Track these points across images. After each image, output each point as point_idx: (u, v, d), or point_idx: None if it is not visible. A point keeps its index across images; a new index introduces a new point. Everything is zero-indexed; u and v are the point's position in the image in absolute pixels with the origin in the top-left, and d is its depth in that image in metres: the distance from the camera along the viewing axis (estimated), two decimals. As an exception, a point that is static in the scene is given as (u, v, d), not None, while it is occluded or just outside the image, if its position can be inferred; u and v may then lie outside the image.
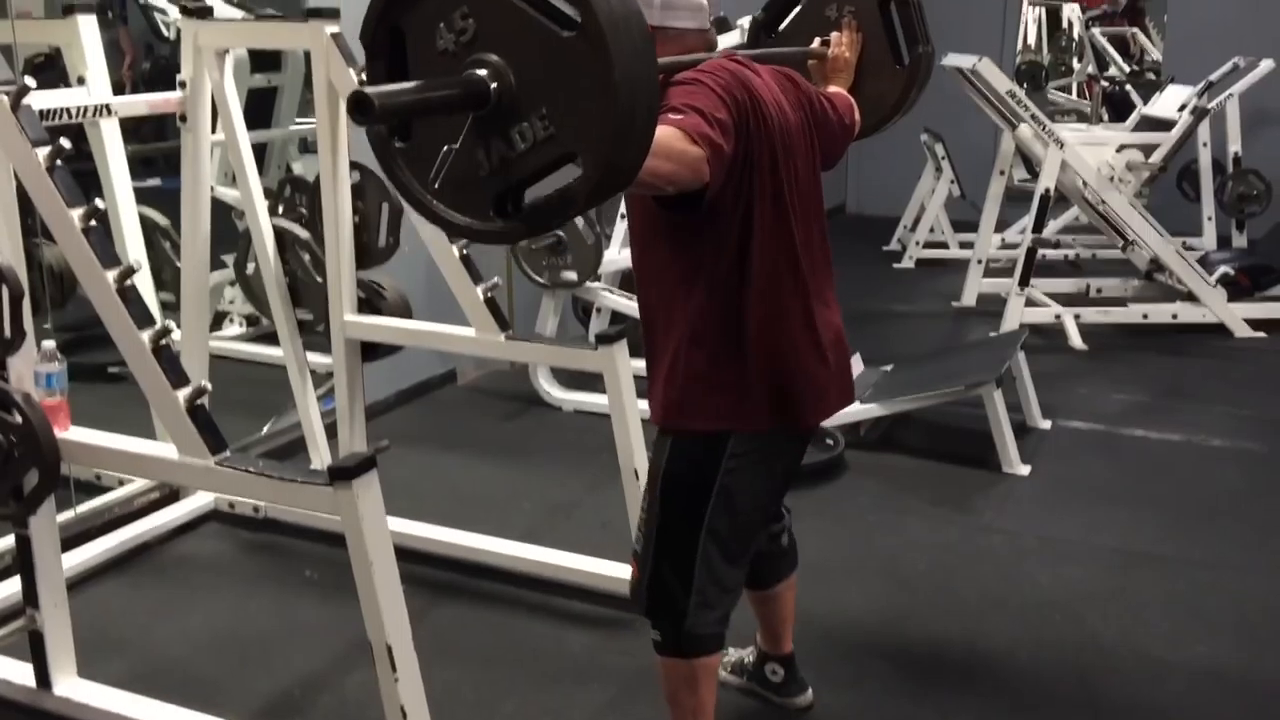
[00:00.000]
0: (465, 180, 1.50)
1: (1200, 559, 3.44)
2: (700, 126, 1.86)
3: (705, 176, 1.87)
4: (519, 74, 1.43)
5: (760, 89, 2.07)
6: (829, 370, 2.20)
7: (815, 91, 2.33)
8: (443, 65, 1.47)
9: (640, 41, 1.42)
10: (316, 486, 2.12)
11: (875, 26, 2.61)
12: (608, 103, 1.39)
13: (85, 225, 2.24)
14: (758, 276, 2.07)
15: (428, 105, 1.44)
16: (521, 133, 1.45)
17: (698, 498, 2.16)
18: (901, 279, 7.11)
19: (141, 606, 3.17)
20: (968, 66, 5.69)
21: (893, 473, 4.06)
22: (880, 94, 2.63)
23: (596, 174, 1.44)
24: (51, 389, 2.41)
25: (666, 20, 2.10)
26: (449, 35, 1.47)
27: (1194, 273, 5.72)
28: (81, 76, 3.43)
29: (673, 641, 2.23)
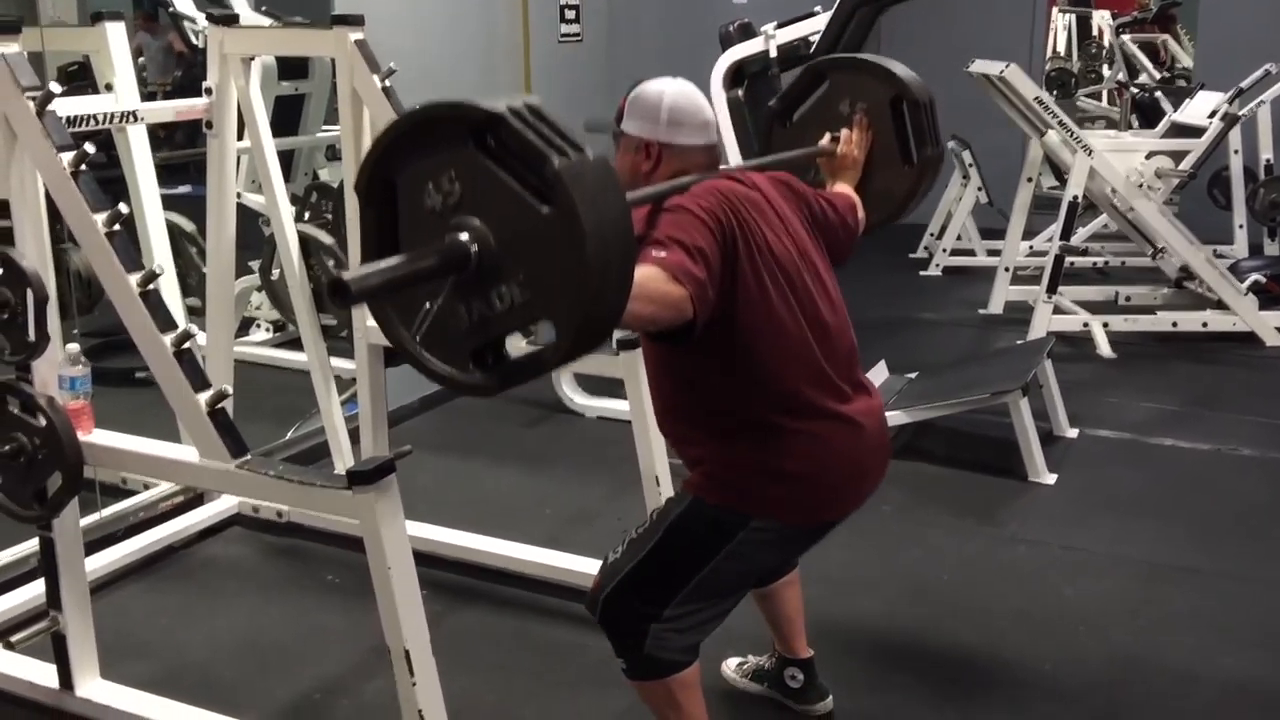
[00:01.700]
0: (447, 332, 1.57)
1: (1229, 571, 3.40)
2: (683, 264, 1.89)
3: (689, 314, 1.90)
4: (499, 239, 1.49)
5: (754, 201, 2.12)
6: (861, 458, 2.21)
7: (814, 194, 2.37)
8: (429, 222, 1.54)
9: (615, 222, 1.48)
10: (336, 490, 2.13)
11: (886, 124, 2.63)
12: (581, 279, 1.45)
13: (109, 230, 2.25)
14: (770, 380, 2.09)
15: (405, 280, 1.50)
16: (500, 295, 1.51)
17: (700, 554, 2.15)
18: (928, 286, 7.07)
19: (164, 610, 3.19)
20: (995, 73, 5.66)
21: (916, 481, 4.04)
22: (888, 190, 2.64)
23: (569, 341, 1.51)
24: (75, 392, 2.43)
25: (672, 137, 2.16)
26: (436, 195, 1.53)
27: (1224, 281, 5.65)
28: (109, 83, 3.46)
29: (639, 667, 2.21)
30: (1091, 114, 10.74)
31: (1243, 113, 6.30)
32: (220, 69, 3.32)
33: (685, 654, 2.20)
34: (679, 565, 2.15)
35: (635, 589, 2.16)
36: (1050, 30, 10.40)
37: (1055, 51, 11.78)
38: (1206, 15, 8.12)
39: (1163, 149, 5.87)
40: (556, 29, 5.50)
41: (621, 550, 2.22)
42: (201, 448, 2.28)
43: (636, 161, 2.17)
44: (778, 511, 2.13)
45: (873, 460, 2.24)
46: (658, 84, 2.19)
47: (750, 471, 2.11)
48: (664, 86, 2.18)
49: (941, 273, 7.25)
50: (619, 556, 2.21)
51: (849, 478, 2.20)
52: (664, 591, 2.15)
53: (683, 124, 2.15)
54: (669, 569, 2.16)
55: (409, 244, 1.57)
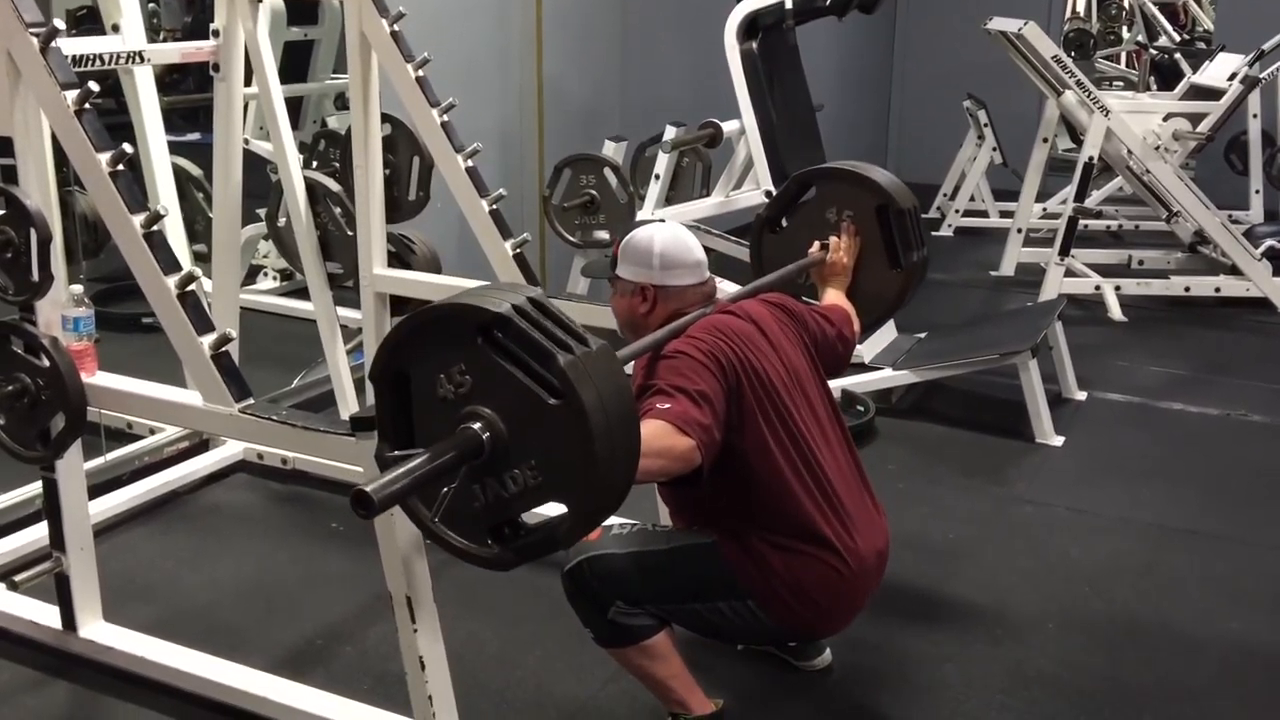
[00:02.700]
0: (464, 511, 1.64)
1: (1236, 535, 3.39)
2: (688, 413, 1.97)
3: (696, 462, 1.97)
4: (510, 428, 1.58)
5: (750, 335, 2.20)
6: (863, 592, 2.29)
7: (809, 312, 2.46)
8: (442, 410, 1.62)
9: (621, 412, 1.57)
10: (338, 436, 2.12)
11: (873, 230, 2.72)
12: (589, 465, 1.54)
13: (113, 170, 2.22)
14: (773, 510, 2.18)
15: (425, 481, 1.56)
16: (513, 478, 1.59)
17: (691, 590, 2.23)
18: (940, 247, 7.01)
19: (168, 554, 3.19)
20: (1013, 31, 5.59)
21: (924, 441, 4.02)
22: (877, 293, 2.74)
23: (579, 521, 1.61)
24: (79, 334, 2.41)
25: (666, 280, 2.26)
26: (448, 385, 1.61)
27: (1239, 246, 5.60)
28: (116, 24, 3.42)
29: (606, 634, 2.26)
30: (1109, 75, 10.61)
31: (1263, 75, 6.22)
32: (228, 11, 3.28)
33: (649, 622, 2.24)
34: (667, 585, 2.22)
35: (619, 575, 2.21)
36: (1070, -10, 10.26)
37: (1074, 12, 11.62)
38: (1229, -24, 8.01)
39: (1181, 111, 5.80)
40: (570, -13, 5.43)
41: (627, 532, 2.27)
42: (205, 391, 2.27)
43: (634, 304, 2.28)
44: (778, 613, 2.21)
45: (862, 593, 2.31)
46: (647, 230, 2.30)
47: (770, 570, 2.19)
48: (653, 232, 2.29)
49: (953, 233, 7.20)
50: (622, 534, 2.26)
51: (838, 607, 2.28)
52: (642, 592, 2.21)
53: (674, 267, 2.25)
54: (657, 580, 2.22)
55: (423, 428, 1.65)
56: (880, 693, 2.64)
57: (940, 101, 7.05)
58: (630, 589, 2.20)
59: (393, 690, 2.46)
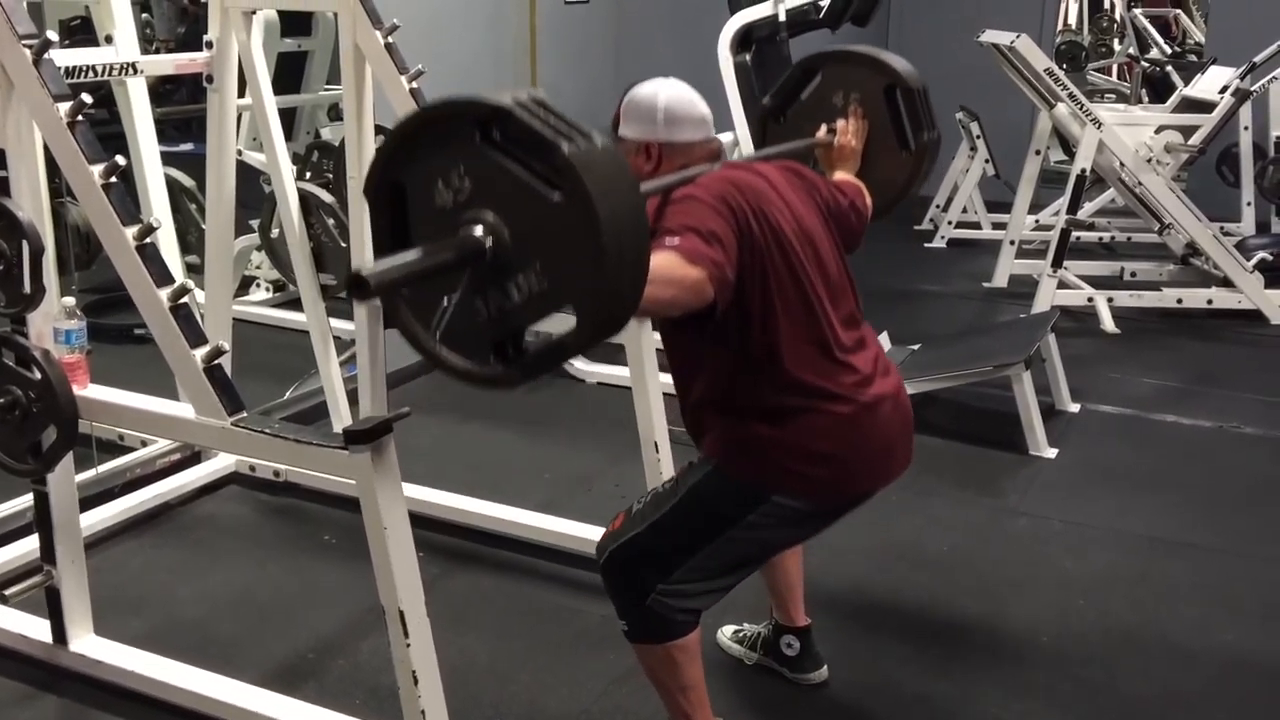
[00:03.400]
0: (466, 327, 1.57)
1: (1229, 546, 3.39)
2: (698, 247, 1.90)
3: (709, 296, 1.91)
4: (513, 231, 1.50)
5: (762, 188, 2.12)
6: (881, 440, 2.20)
7: (823, 181, 2.37)
8: (441, 219, 1.54)
9: (628, 202, 1.49)
10: (332, 450, 2.11)
11: (881, 113, 2.63)
12: (597, 263, 1.45)
13: (105, 181, 2.21)
14: (787, 360, 2.09)
15: (423, 272, 1.49)
16: (518, 285, 1.52)
17: (716, 523, 2.15)
18: (933, 258, 7.03)
19: (160, 566, 3.18)
20: (1006, 43, 5.60)
21: (918, 453, 3.91)
22: (888, 178, 2.64)
23: (589, 326, 1.51)
24: (71, 346, 2.40)
25: (671, 135, 2.17)
26: (447, 192, 1.54)
27: (1231, 258, 5.61)
28: (109, 35, 3.42)
29: (639, 625, 2.19)
30: (1101, 88, 10.65)
31: (1254, 88, 6.24)
32: (221, 22, 3.28)
33: (686, 616, 2.19)
34: (693, 531, 2.15)
35: (643, 551, 2.16)
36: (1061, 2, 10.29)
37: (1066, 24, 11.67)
38: (1220, -11, 8.04)
39: (1173, 124, 5.82)
40: (564, -9, 5.44)
41: (644, 503, 2.22)
42: (197, 404, 2.26)
43: (637, 164, 2.18)
44: (797, 488, 2.13)
45: (888, 441, 2.23)
46: (650, 85, 2.21)
47: (770, 447, 2.11)
48: (657, 88, 2.20)
49: (946, 245, 7.20)
50: (640, 508, 2.21)
51: (865, 458, 2.19)
52: (674, 555, 2.14)
53: (680, 121, 2.17)
54: (682, 533, 2.15)
55: (422, 242, 1.56)
56: (877, 706, 2.64)
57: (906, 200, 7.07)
58: (663, 556, 2.14)
59: (385, 704, 2.45)
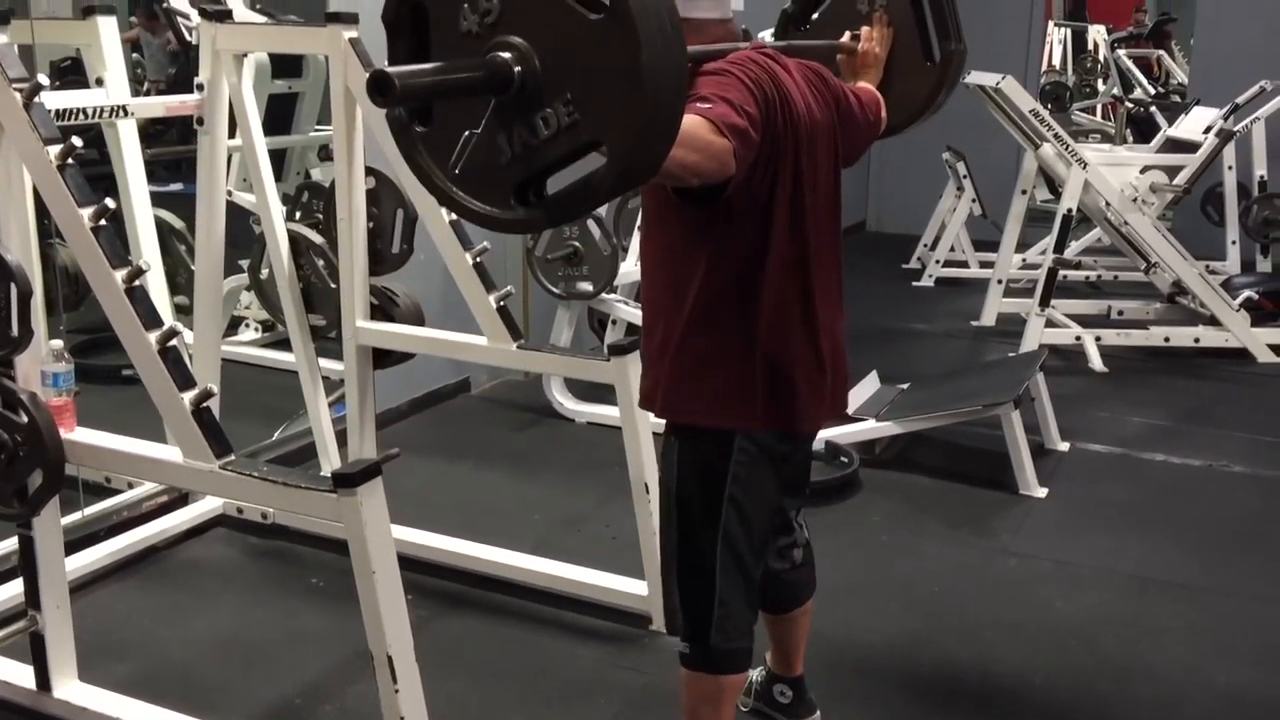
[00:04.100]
0: (486, 167, 1.47)
1: (1220, 586, 3.38)
2: (729, 117, 1.83)
3: (731, 169, 1.84)
4: (544, 58, 1.40)
5: (787, 83, 2.05)
6: (825, 376, 2.18)
7: (842, 86, 2.30)
8: (466, 48, 1.43)
9: (670, 28, 1.38)
10: (320, 492, 2.09)
11: (907, 21, 2.54)
12: (635, 90, 1.35)
13: (95, 224, 2.21)
14: (769, 272, 2.05)
15: (449, 88, 1.41)
16: (545, 119, 1.42)
17: (710, 502, 2.14)
18: (921, 297, 7.06)
19: (146, 610, 3.15)
20: (991, 85, 5.65)
21: (908, 492, 4.02)
22: (909, 92, 2.56)
23: (621, 164, 1.41)
24: (59, 389, 2.39)
25: (687, 11, 2.02)
26: (473, 16, 1.43)
27: (1217, 296, 5.65)
28: (100, 78, 3.43)
29: (701, 655, 2.20)
30: (1086, 128, 10.75)
31: (1237, 129, 6.30)
32: (212, 65, 3.29)
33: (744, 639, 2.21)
34: (698, 523, 2.15)
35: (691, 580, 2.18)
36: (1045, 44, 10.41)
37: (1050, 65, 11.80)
38: (1202, 32, 8.14)
39: (1157, 163, 5.87)
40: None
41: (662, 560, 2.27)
42: (185, 447, 2.24)
43: None
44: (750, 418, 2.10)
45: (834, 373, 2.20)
46: None
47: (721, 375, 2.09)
48: None
49: (934, 284, 7.24)
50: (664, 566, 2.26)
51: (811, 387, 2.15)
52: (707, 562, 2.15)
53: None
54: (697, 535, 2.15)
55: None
56: (867, 750, 2.62)
57: (919, 153, 7.11)
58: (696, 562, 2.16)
59: (373, 750, 2.42)
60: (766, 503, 2.21)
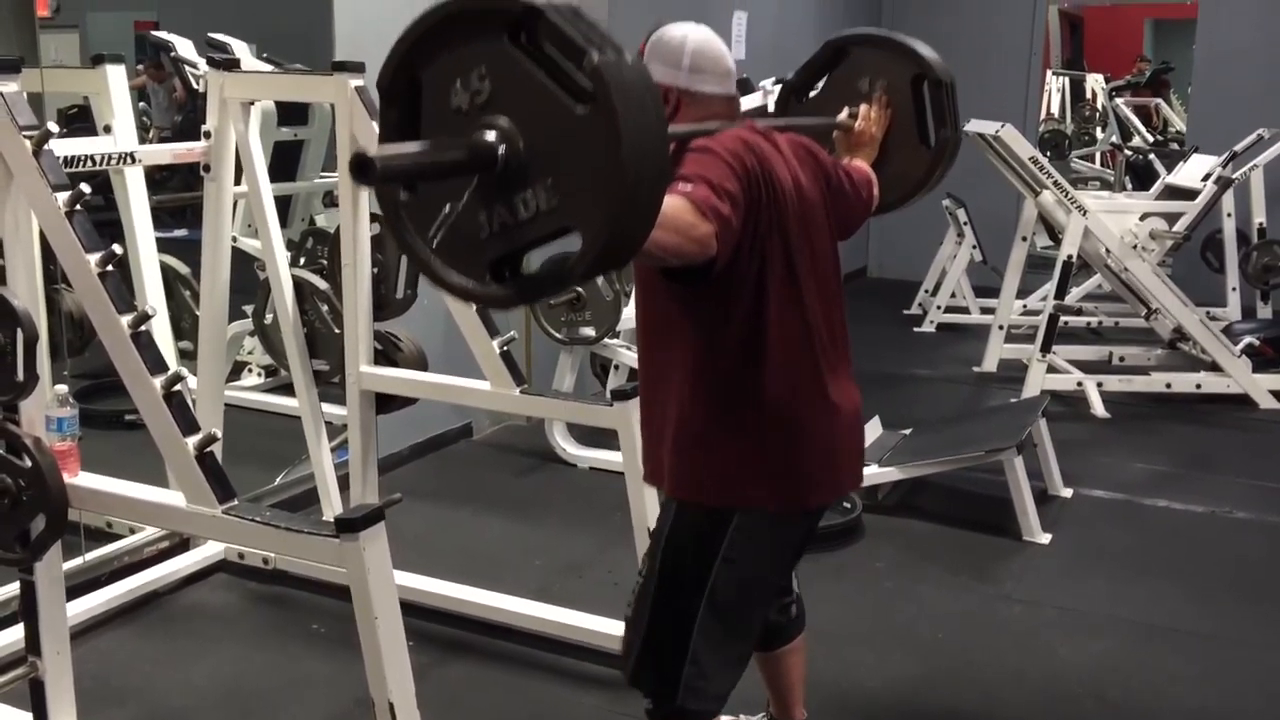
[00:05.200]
0: (465, 240, 1.49)
1: (1225, 634, 3.37)
2: (710, 199, 1.85)
3: (712, 250, 1.86)
4: (529, 141, 1.43)
5: (775, 160, 2.07)
6: (843, 448, 2.17)
7: (834, 163, 2.32)
8: (454, 123, 1.46)
9: (653, 125, 1.42)
10: (323, 538, 2.10)
11: (906, 104, 2.57)
12: (614, 183, 1.38)
13: (101, 270, 2.23)
14: (770, 348, 2.04)
15: (431, 168, 1.44)
16: (525, 200, 1.46)
17: (700, 567, 2.11)
18: (922, 343, 7.08)
19: (146, 656, 3.13)
20: (990, 133, 5.70)
21: (911, 538, 4.00)
22: (904, 172, 2.59)
23: (596, 251, 1.44)
24: (63, 434, 2.40)
25: (693, 85, 2.09)
26: (464, 94, 1.47)
27: (1218, 342, 5.66)
28: (108, 125, 3.46)
29: (664, 716, 2.17)
30: (1085, 175, 10.83)
31: (1236, 176, 6.35)
32: (220, 113, 3.33)
33: (714, 703, 2.17)
34: (685, 581, 2.11)
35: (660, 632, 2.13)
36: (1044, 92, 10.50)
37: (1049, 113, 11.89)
38: (1200, 80, 8.21)
39: (1157, 210, 5.91)
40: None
41: (633, 601, 2.19)
42: (188, 492, 2.25)
43: None
44: (755, 497, 2.08)
45: (850, 446, 2.20)
46: (680, 28, 2.11)
47: (727, 454, 2.07)
48: (687, 31, 2.10)
49: (935, 329, 7.25)
50: (632, 610, 2.19)
51: (825, 462, 2.14)
52: (683, 621, 2.11)
53: (705, 71, 2.09)
54: (677, 593, 2.12)
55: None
56: (871, 799, 2.60)
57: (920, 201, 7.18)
58: (679, 629, 2.11)
59: (373, 799, 2.40)
60: (762, 573, 2.19)
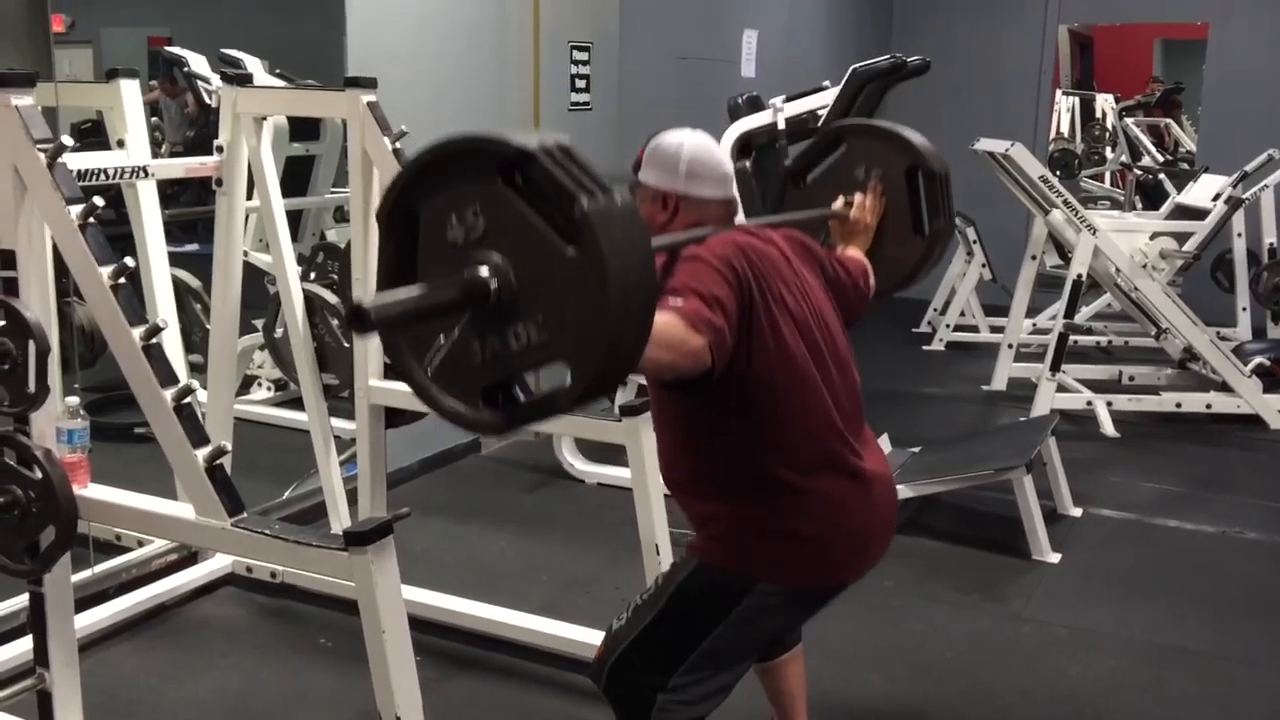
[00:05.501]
0: (459, 367, 1.55)
1: (1236, 654, 3.35)
2: (701, 312, 1.89)
3: (707, 363, 1.89)
4: (520, 277, 1.48)
5: (773, 257, 2.12)
6: (874, 531, 2.19)
7: (828, 255, 2.38)
8: (449, 256, 1.52)
9: (640, 266, 1.47)
10: (331, 551, 2.10)
11: (900, 193, 2.64)
12: (601, 324, 1.44)
13: (114, 283, 2.24)
14: (785, 434, 2.07)
15: (426, 310, 1.49)
16: (517, 333, 1.50)
17: (706, 619, 2.11)
18: (931, 361, 7.07)
19: (153, 669, 3.13)
20: (1000, 151, 5.70)
21: (920, 557, 3.99)
22: (898, 258, 2.65)
23: (583, 385, 1.49)
24: (73, 445, 2.41)
25: (691, 190, 2.16)
26: (459, 228, 1.52)
27: (1228, 362, 5.64)
28: (121, 139, 3.48)
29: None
30: (1095, 195, 10.81)
31: (1246, 196, 6.34)
32: (232, 128, 3.35)
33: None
34: (685, 631, 2.11)
35: (640, 656, 2.12)
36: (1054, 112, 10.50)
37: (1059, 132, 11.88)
38: (1210, 100, 8.22)
39: (1167, 230, 5.89)
40: (567, 97, 5.55)
41: (626, 617, 2.18)
42: (198, 504, 2.25)
43: (653, 212, 2.17)
44: (785, 573, 2.10)
45: (881, 522, 2.22)
46: (676, 135, 2.20)
47: (757, 532, 2.08)
48: (683, 138, 2.19)
49: (944, 348, 7.25)
50: (623, 624, 2.17)
51: (858, 539, 2.16)
52: (669, 659, 2.10)
53: (701, 176, 2.16)
54: (675, 635, 2.11)
55: (427, 276, 1.54)
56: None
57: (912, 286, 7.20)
58: (659, 660, 2.10)
59: (379, 814, 2.39)
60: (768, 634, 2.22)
